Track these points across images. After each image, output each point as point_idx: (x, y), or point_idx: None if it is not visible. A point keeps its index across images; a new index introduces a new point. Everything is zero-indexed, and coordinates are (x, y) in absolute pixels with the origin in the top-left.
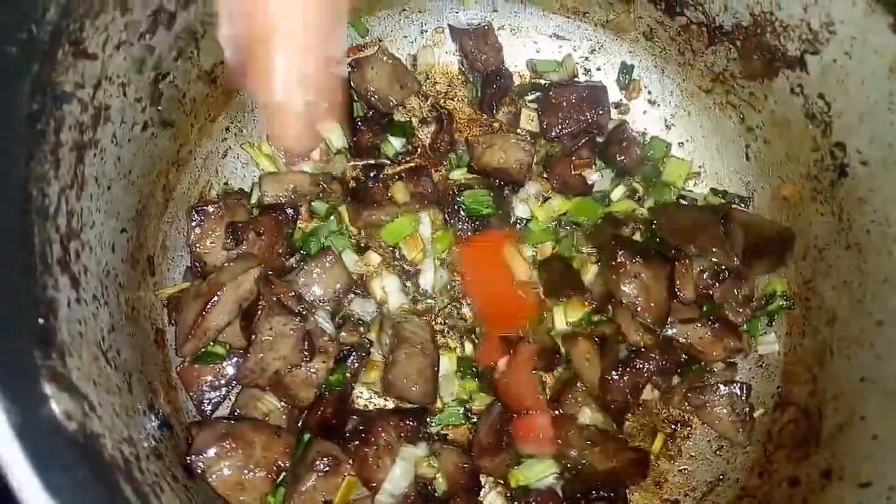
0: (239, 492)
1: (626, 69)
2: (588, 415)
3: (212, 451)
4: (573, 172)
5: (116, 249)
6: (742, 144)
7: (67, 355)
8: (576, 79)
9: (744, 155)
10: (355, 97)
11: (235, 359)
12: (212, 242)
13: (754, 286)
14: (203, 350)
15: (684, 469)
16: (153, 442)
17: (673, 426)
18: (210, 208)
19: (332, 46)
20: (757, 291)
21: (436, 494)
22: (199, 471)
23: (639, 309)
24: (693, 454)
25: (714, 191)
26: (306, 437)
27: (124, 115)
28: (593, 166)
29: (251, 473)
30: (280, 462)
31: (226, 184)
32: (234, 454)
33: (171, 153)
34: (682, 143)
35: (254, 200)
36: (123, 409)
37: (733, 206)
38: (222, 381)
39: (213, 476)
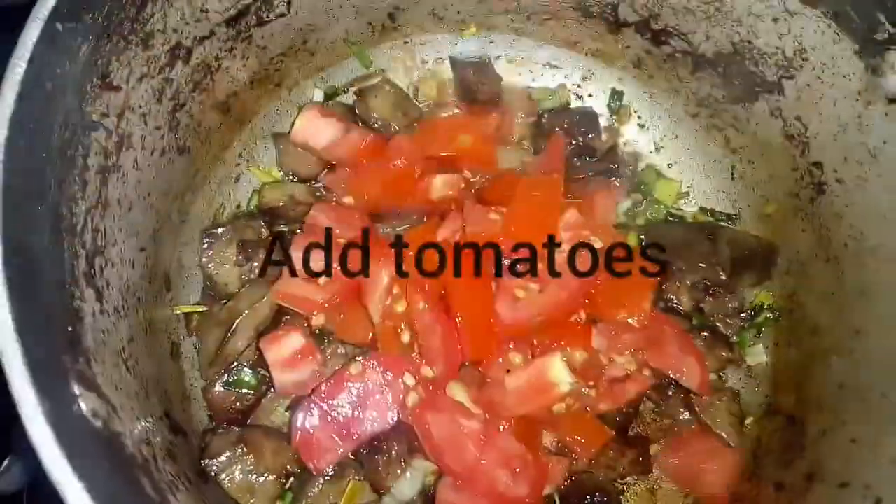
0: (249, 495)
1: (616, 95)
2: None
3: (225, 456)
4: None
5: (136, 266)
6: (728, 165)
7: (93, 361)
8: (569, 105)
9: (730, 175)
10: (360, 124)
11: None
12: (222, 262)
13: (743, 299)
14: (234, 378)
15: None
16: (168, 446)
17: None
18: (220, 230)
19: None
20: (745, 304)
21: None
22: (213, 474)
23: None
24: None
25: (702, 209)
26: None
27: (144, 142)
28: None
29: (261, 478)
30: (289, 467)
31: (238, 206)
32: (245, 459)
33: (187, 178)
34: (671, 164)
35: (254, 204)
36: (143, 413)
37: (720, 223)
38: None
39: (226, 480)
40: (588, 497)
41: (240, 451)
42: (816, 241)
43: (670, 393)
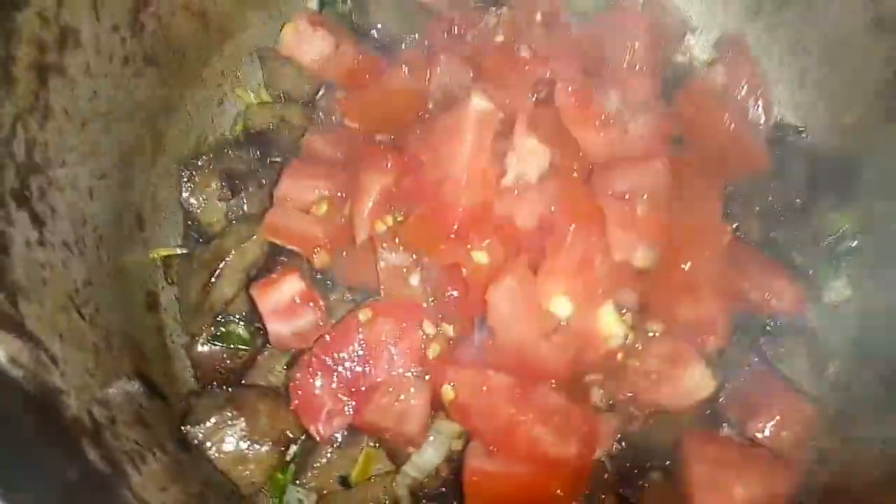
0: (242, 466)
1: None
2: None
3: (210, 421)
4: None
5: (95, 197)
6: (797, 69)
7: (21, 299)
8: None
9: (798, 81)
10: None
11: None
12: (205, 198)
13: (821, 226)
14: (222, 331)
15: None
16: (138, 409)
17: None
18: (201, 160)
19: None
20: (824, 232)
21: None
22: (196, 441)
23: None
24: None
25: None
26: None
27: (98, 44)
28: None
29: (256, 446)
30: (289, 432)
31: (222, 135)
32: (236, 424)
33: (159, 97)
34: None
35: (238, 129)
36: (101, 369)
37: (788, 137)
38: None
39: (212, 449)
40: (647, 462)
41: (229, 414)
42: None
43: (736, 336)
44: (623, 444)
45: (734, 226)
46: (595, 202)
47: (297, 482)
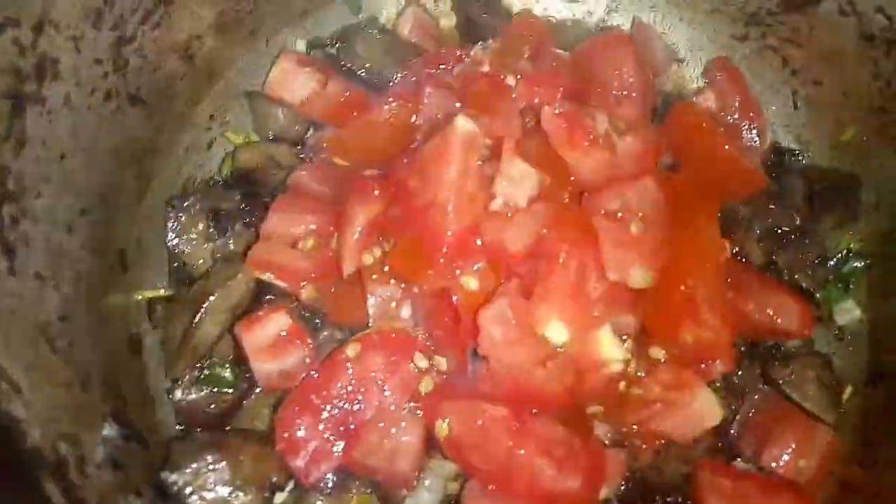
0: None
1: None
2: None
3: (191, 466)
4: None
5: (75, 232)
6: (788, 92)
7: None
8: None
9: (791, 103)
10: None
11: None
12: (192, 238)
13: (824, 247)
14: (207, 374)
15: None
16: (111, 450)
17: None
18: (188, 200)
19: None
20: (828, 253)
21: None
22: (175, 488)
23: None
24: None
25: None
26: None
27: (79, 76)
28: None
29: (239, 493)
30: (275, 478)
31: (211, 178)
32: (217, 468)
33: (146, 137)
34: None
35: (226, 172)
36: (72, 405)
37: (784, 159)
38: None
39: (192, 496)
40: (659, 498)
41: (210, 458)
42: None
43: (744, 364)
44: (631, 482)
45: (734, 250)
46: (587, 223)
47: None
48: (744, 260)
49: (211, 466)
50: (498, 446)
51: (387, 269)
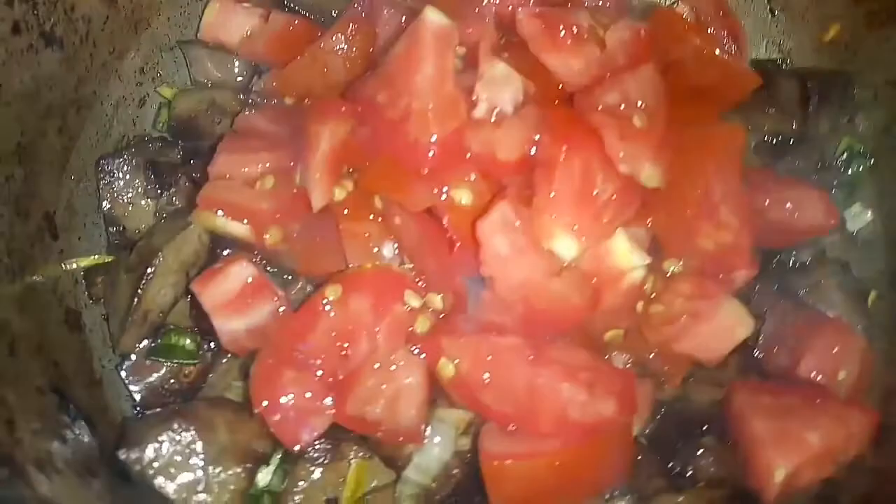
0: (200, 496)
1: None
2: None
3: (154, 442)
4: None
5: None
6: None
7: None
8: None
9: (767, 11)
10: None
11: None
12: (130, 198)
13: (823, 150)
14: (161, 343)
15: None
16: (55, 425)
17: None
18: (122, 156)
19: None
20: (828, 157)
21: None
22: (137, 468)
23: None
24: None
25: None
26: None
27: None
28: None
29: (216, 469)
30: (256, 447)
31: (147, 135)
32: (186, 441)
33: (68, 87)
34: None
35: (162, 125)
36: None
37: (769, 69)
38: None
39: (159, 477)
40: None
41: (177, 427)
42: None
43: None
44: (659, 417)
45: None
46: (585, 122)
47: None
48: None
49: (177, 439)
50: (515, 380)
51: (361, 202)
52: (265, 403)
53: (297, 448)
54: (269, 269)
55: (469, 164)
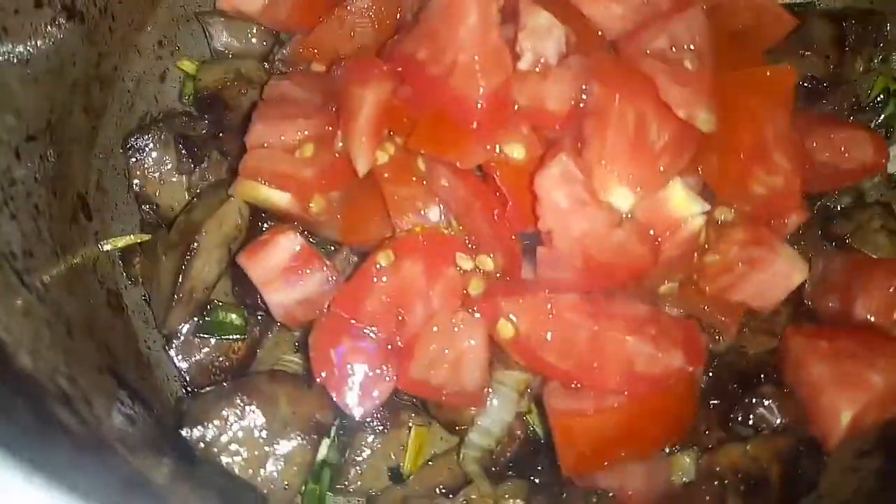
0: (266, 470)
1: None
2: None
3: (217, 417)
4: None
5: (24, 158)
6: None
7: None
8: None
9: None
10: None
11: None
12: (162, 175)
13: (856, 92)
14: (209, 321)
15: None
16: (119, 405)
17: None
18: (150, 133)
19: None
20: (862, 97)
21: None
22: (201, 445)
23: None
24: None
25: None
26: None
27: None
28: None
29: (280, 440)
30: (319, 417)
31: (170, 110)
32: (249, 416)
33: (89, 62)
34: None
35: (187, 99)
36: (61, 347)
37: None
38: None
39: (224, 453)
40: (754, 378)
41: (239, 402)
42: None
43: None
44: (713, 369)
45: None
46: (633, 68)
47: (338, 488)
48: None
49: (240, 414)
50: (578, 336)
51: (404, 165)
52: (325, 374)
53: (358, 417)
54: (310, 239)
55: (518, 118)
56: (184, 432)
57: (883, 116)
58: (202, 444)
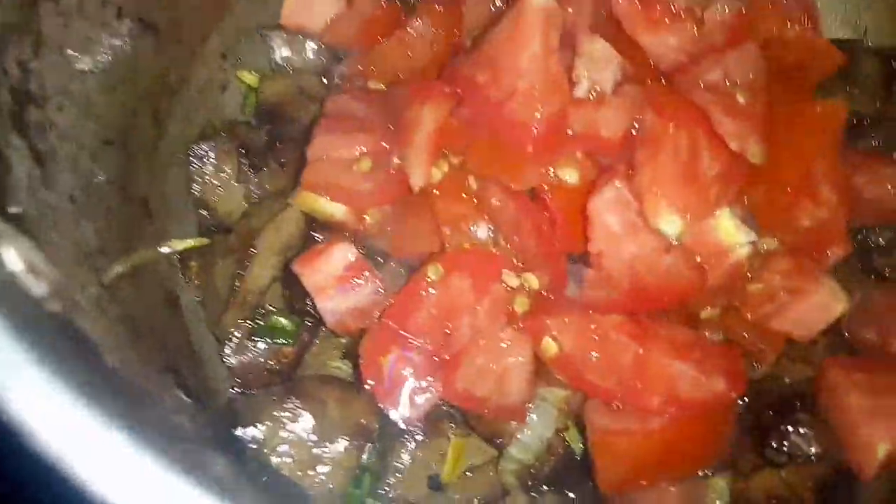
0: (314, 472)
1: None
2: None
3: (269, 419)
4: None
5: (100, 161)
6: None
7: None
8: None
9: None
10: None
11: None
12: (222, 182)
13: None
14: (261, 325)
15: None
16: (179, 401)
17: None
18: (213, 140)
19: None
20: None
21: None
22: (254, 446)
23: None
24: None
25: None
26: None
27: None
28: None
29: (328, 444)
30: (365, 422)
31: (232, 121)
32: (300, 419)
33: (158, 72)
34: None
35: (249, 110)
36: (128, 344)
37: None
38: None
39: (274, 453)
40: (790, 406)
41: (291, 406)
42: None
43: None
44: (749, 396)
45: None
46: (687, 99)
47: (379, 492)
48: None
49: (292, 416)
50: (622, 357)
51: (456, 183)
52: (373, 381)
53: (403, 424)
54: (360, 250)
55: (573, 143)
56: (238, 432)
57: None
58: (254, 445)
